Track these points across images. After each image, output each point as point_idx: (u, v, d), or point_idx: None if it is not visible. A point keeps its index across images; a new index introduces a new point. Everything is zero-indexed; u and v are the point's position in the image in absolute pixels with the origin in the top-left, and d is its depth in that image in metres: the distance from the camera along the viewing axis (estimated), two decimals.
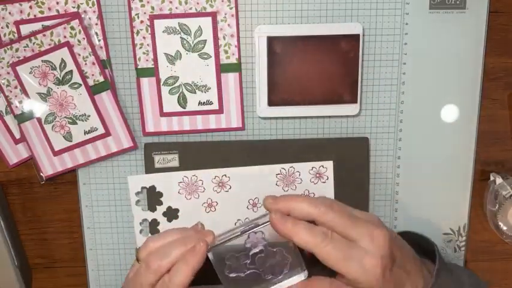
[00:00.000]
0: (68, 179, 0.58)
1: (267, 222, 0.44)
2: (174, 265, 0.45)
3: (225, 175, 0.56)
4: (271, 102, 0.56)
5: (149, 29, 0.54)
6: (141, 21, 0.54)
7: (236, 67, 0.55)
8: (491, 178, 0.58)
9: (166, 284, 0.45)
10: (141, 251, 0.47)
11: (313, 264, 0.47)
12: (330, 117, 0.57)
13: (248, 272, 0.47)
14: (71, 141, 0.56)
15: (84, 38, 0.54)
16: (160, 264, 0.45)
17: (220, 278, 0.47)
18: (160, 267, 0.45)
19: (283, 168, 0.56)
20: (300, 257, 0.47)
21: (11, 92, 0.55)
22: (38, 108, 0.55)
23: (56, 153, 0.56)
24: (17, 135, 0.56)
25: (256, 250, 0.47)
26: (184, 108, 0.56)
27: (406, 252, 0.46)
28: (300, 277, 0.47)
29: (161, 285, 0.45)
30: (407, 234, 0.51)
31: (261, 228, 0.46)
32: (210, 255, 0.46)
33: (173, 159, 0.56)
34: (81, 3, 0.54)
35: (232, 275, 0.47)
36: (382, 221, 0.45)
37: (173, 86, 0.55)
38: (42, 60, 0.54)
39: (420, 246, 0.51)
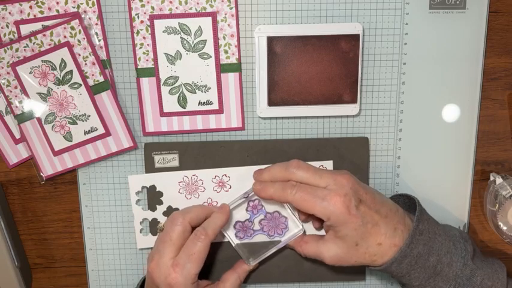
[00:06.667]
0: (68, 179, 0.58)
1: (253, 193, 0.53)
2: (207, 219, 0.52)
3: (225, 175, 0.56)
4: (271, 102, 0.56)
5: (149, 29, 0.54)
6: (141, 21, 0.54)
7: (236, 67, 0.55)
8: (491, 178, 0.58)
9: (200, 232, 0.50)
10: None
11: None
12: (330, 117, 0.57)
13: (255, 234, 0.56)
14: (71, 141, 0.56)
15: (84, 38, 0.54)
16: (184, 217, 0.50)
17: (232, 244, 0.55)
18: (184, 219, 0.50)
19: None
20: (295, 216, 0.55)
21: (11, 92, 0.55)
22: (38, 108, 0.55)
23: (56, 153, 0.56)
24: (17, 135, 0.56)
25: (257, 215, 0.56)
26: (184, 108, 0.56)
27: (377, 197, 0.50)
28: (299, 232, 0.55)
29: (195, 234, 0.50)
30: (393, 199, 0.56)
31: (253, 197, 0.55)
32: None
33: (173, 159, 0.56)
34: (81, 3, 0.54)
35: (242, 239, 0.56)
36: (351, 174, 0.50)
37: (173, 86, 0.55)
38: (42, 60, 0.54)
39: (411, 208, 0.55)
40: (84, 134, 0.56)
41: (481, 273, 0.49)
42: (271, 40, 0.54)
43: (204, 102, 0.56)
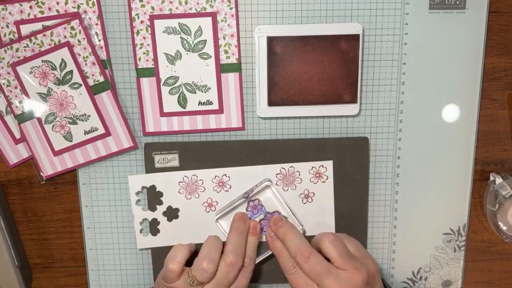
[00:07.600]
0: (68, 179, 0.58)
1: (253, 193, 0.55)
2: (248, 246, 0.52)
3: (225, 175, 0.56)
4: (271, 102, 0.56)
5: (149, 29, 0.54)
6: (141, 21, 0.54)
7: (236, 67, 0.55)
8: (491, 178, 0.58)
9: (249, 264, 0.52)
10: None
11: None
12: (330, 117, 0.57)
13: None
14: (71, 141, 0.56)
15: (84, 38, 0.54)
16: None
17: None
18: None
19: (283, 168, 0.56)
20: (295, 216, 0.55)
21: (11, 92, 0.55)
22: (38, 108, 0.55)
23: (56, 153, 0.56)
24: (17, 135, 0.56)
25: (257, 215, 0.56)
26: (184, 108, 0.56)
27: None
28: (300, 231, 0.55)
29: (245, 266, 0.52)
30: None
31: (253, 197, 0.56)
32: (221, 222, 0.56)
33: (173, 159, 0.56)
34: (81, 3, 0.54)
35: None
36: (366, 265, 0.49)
37: (173, 86, 0.56)
38: (42, 60, 0.54)
39: None
40: (84, 134, 0.56)
41: None
42: (271, 40, 0.54)
43: (204, 102, 0.56)
